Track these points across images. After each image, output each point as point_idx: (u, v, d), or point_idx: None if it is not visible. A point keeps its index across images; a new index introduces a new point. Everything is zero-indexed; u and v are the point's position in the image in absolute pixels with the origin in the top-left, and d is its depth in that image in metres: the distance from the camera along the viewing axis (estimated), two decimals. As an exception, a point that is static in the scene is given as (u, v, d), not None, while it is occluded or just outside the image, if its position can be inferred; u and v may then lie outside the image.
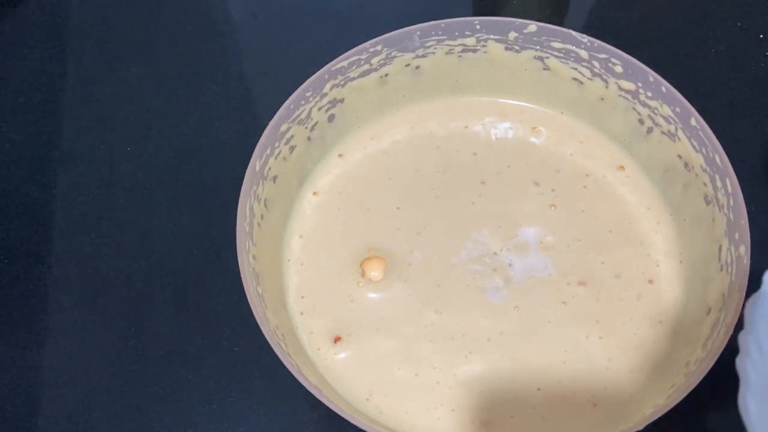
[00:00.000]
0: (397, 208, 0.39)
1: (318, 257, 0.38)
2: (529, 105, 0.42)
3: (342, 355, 0.35)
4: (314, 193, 0.40)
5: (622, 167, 0.40)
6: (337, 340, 0.35)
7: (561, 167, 0.40)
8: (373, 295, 0.37)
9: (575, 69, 0.39)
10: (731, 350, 0.30)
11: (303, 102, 0.37)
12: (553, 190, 0.40)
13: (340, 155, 0.41)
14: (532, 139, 0.41)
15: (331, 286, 0.37)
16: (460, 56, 0.40)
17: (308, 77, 0.37)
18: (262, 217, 0.36)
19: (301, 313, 0.36)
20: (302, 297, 0.37)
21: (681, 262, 0.37)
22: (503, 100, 0.42)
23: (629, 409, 0.33)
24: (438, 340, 0.35)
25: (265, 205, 0.36)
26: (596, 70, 0.39)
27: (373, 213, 0.39)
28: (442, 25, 0.38)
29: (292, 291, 0.37)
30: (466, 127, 0.42)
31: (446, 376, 0.34)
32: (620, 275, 0.37)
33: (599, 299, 0.36)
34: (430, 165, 0.41)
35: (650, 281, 0.37)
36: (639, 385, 0.34)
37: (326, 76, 0.38)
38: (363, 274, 0.37)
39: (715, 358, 0.30)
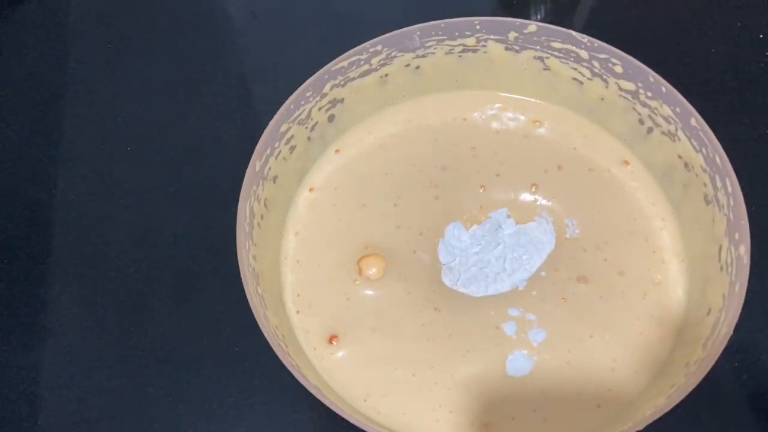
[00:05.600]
0: (395, 204, 0.39)
1: (314, 255, 0.38)
2: (530, 99, 0.42)
3: (339, 355, 0.35)
4: (310, 190, 0.40)
5: (626, 162, 0.40)
6: (331, 339, 0.35)
7: (564, 161, 0.40)
8: (369, 293, 0.37)
9: (575, 69, 0.39)
10: (731, 350, 0.30)
11: (303, 102, 0.37)
12: (555, 185, 0.39)
13: (336, 150, 0.41)
14: (534, 132, 0.41)
15: (328, 283, 0.37)
16: (460, 56, 0.40)
17: (308, 77, 0.37)
18: (262, 217, 0.36)
19: (298, 312, 0.36)
20: (298, 295, 0.37)
21: (683, 260, 0.37)
22: (504, 94, 0.42)
23: (632, 409, 0.33)
24: (436, 338, 0.35)
25: (265, 205, 0.36)
26: (596, 70, 0.39)
27: (369, 209, 0.39)
28: (442, 25, 0.38)
29: (288, 289, 0.37)
30: (465, 119, 0.42)
31: (444, 376, 0.34)
32: (624, 272, 0.37)
33: (602, 297, 0.36)
34: (428, 159, 0.40)
35: (656, 279, 0.37)
36: (643, 385, 0.34)
37: (326, 76, 0.38)
38: (360, 272, 0.37)
39: (715, 359, 0.30)
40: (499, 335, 0.35)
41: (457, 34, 0.39)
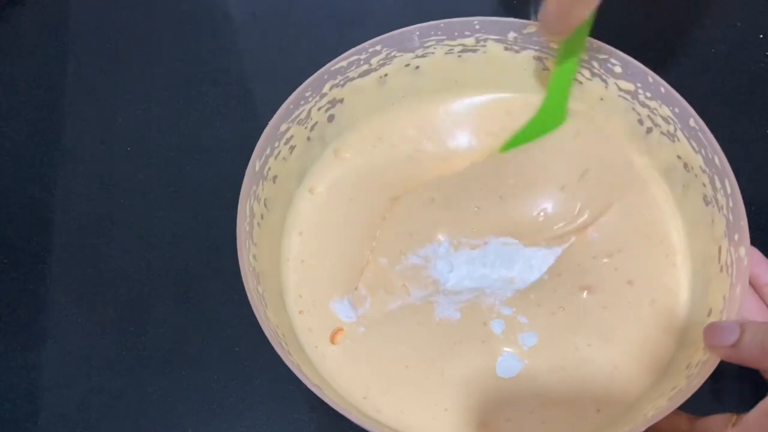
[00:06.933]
0: (394, 204, 0.39)
1: (317, 255, 0.38)
2: (530, 98, 0.42)
3: (339, 354, 0.35)
4: (310, 191, 0.40)
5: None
6: (334, 337, 0.35)
7: (564, 162, 0.40)
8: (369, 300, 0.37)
9: (575, 69, 0.39)
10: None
11: (303, 102, 0.37)
12: (555, 185, 0.39)
13: (336, 152, 0.41)
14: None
15: (330, 284, 0.37)
16: (459, 56, 0.40)
17: (308, 77, 0.37)
18: (262, 217, 0.36)
19: (300, 312, 0.36)
20: (300, 296, 0.37)
21: (684, 262, 0.37)
22: (504, 94, 0.42)
23: (632, 412, 0.33)
24: (434, 338, 0.35)
25: (265, 205, 0.36)
26: (596, 71, 0.39)
27: (369, 211, 0.39)
28: (442, 25, 0.38)
29: (290, 289, 0.37)
30: (462, 121, 0.41)
31: (442, 375, 0.34)
32: (633, 281, 0.36)
33: (607, 303, 0.36)
34: (428, 161, 0.40)
35: (664, 284, 0.36)
36: (644, 389, 0.34)
37: (326, 76, 0.38)
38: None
39: (717, 361, 0.30)
40: (487, 332, 0.35)
41: (456, 34, 0.39)
